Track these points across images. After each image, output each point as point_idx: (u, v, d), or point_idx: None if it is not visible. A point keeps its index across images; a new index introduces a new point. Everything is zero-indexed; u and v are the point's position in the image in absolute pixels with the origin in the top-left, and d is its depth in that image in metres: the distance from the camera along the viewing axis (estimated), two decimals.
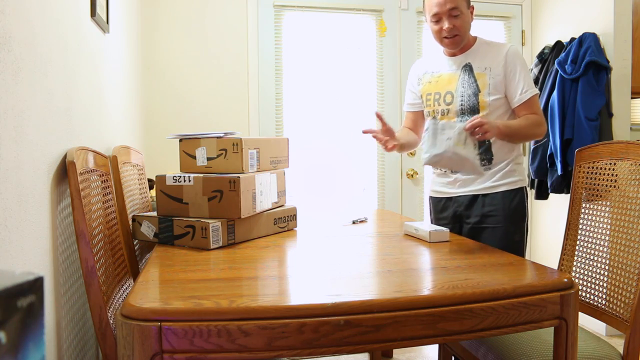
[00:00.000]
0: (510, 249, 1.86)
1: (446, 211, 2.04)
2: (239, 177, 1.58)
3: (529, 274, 1.26)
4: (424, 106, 2.04)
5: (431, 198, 2.12)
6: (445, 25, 1.85)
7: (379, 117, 1.82)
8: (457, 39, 1.88)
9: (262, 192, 1.72)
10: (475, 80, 1.89)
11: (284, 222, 1.85)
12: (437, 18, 1.86)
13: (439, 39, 1.91)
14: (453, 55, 1.96)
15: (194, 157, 1.73)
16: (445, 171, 2.00)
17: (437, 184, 2.07)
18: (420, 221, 1.84)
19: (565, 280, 1.18)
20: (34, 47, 1.22)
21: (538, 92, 1.90)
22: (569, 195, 2.45)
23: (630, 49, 2.93)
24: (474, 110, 1.89)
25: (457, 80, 1.93)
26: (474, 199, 1.95)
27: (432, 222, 2.09)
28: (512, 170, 1.92)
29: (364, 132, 1.82)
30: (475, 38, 1.96)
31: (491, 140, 1.89)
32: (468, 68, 1.91)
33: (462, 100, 1.91)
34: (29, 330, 0.36)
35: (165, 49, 3.14)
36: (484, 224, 1.92)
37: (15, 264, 1.10)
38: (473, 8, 1.92)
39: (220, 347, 0.97)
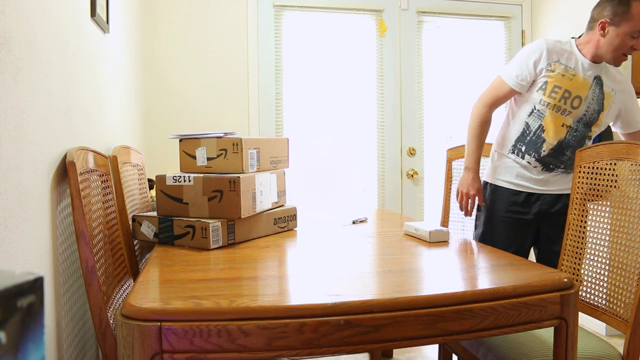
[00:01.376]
0: None
1: (529, 207, 2.01)
2: (239, 177, 1.58)
3: (529, 274, 1.26)
4: (544, 94, 1.93)
5: (505, 189, 2.04)
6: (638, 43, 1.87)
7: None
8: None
9: (262, 192, 1.72)
10: (603, 98, 1.93)
11: (284, 222, 1.85)
12: (639, 35, 1.85)
13: (618, 54, 1.88)
14: (593, 61, 1.94)
15: (194, 157, 1.73)
16: (535, 166, 1.98)
17: (518, 176, 2.01)
18: (420, 221, 1.84)
19: (565, 280, 1.18)
20: (34, 47, 1.22)
21: None
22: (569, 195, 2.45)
23: None
24: (589, 124, 1.94)
25: (589, 89, 1.92)
26: (558, 197, 1.98)
27: (488, 215, 2.08)
28: None
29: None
30: None
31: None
32: (599, 82, 1.93)
33: (587, 111, 1.93)
34: (29, 330, 0.36)
35: (165, 49, 3.15)
36: (561, 222, 1.95)
37: (15, 264, 1.10)
38: None
39: (220, 347, 0.97)
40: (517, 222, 2.02)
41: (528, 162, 1.98)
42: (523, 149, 1.99)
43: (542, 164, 1.97)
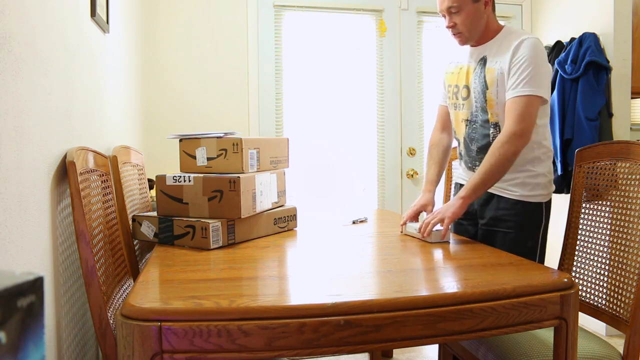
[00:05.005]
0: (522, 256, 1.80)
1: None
2: (239, 177, 1.58)
3: (529, 274, 1.26)
4: (447, 99, 1.95)
5: (457, 185, 2.04)
6: (446, 23, 1.79)
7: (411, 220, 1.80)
8: (461, 36, 1.78)
9: (262, 192, 1.72)
10: (485, 76, 1.77)
11: (284, 222, 1.85)
12: (442, 15, 1.79)
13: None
14: (475, 45, 1.84)
15: (194, 157, 1.73)
16: (463, 167, 1.94)
17: (459, 177, 2.01)
18: (420, 221, 1.81)
19: (565, 280, 1.18)
20: (34, 47, 1.22)
21: (535, 95, 1.65)
22: (569, 195, 2.45)
23: (630, 49, 2.93)
24: (484, 109, 1.78)
25: (472, 74, 1.82)
26: (490, 197, 1.84)
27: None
28: (536, 184, 1.77)
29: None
30: (500, 28, 1.82)
31: None
32: (483, 61, 1.79)
33: (475, 97, 1.81)
34: (29, 330, 0.36)
35: (166, 48, 3.14)
36: (496, 227, 1.81)
37: (15, 264, 1.10)
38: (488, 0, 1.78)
39: (220, 347, 0.97)
40: (461, 222, 2.01)
41: (459, 165, 2.01)
42: (457, 153, 2.01)
43: (464, 164, 1.94)
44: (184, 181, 1.65)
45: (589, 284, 1.65)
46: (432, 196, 1.91)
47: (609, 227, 1.60)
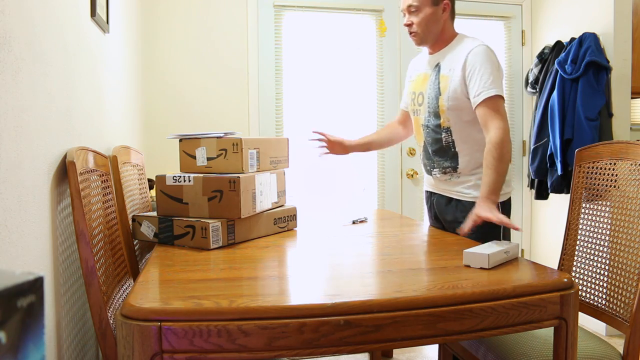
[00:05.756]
0: None
1: (431, 209, 2.04)
2: (239, 177, 1.58)
3: (528, 274, 1.26)
4: (408, 104, 2.04)
5: (426, 192, 2.11)
6: (405, 20, 1.85)
7: (322, 134, 1.89)
8: (416, 36, 1.84)
9: (262, 192, 1.72)
10: (439, 82, 1.82)
11: (284, 222, 1.85)
12: (403, 14, 1.86)
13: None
14: (432, 53, 1.90)
15: (194, 157, 1.73)
16: (428, 169, 1.97)
17: (426, 178, 2.07)
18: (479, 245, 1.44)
19: (565, 280, 1.18)
20: (34, 47, 1.22)
21: (497, 93, 1.70)
22: (569, 195, 2.45)
23: (630, 49, 2.93)
24: (437, 114, 1.83)
25: (428, 81, 1.88)
26: (448, 200, 1.91)
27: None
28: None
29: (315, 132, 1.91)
30: (454, 35, 1.86)
31: (457, 149, 1.83)
32: (438, 68, 1.85)
33: (429, 103, 1.86)
34: (29, 330, 0.36)
35: (165, 49, 3.15)
36: (456, 230, 1.84)
37: (15, 264, 1.10)
38: (448, 4, 1.82)
39: (220, 347, 0.97)
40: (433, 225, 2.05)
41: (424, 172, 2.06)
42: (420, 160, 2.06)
43: (424, 168, 2.01)
44: (184, 181, 1.65)
45: (589, 284, 1.65)
46: (351, 144, 2.08)
47: (609, 227, 1.60)
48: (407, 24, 1.84)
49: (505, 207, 1.86)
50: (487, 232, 1.75)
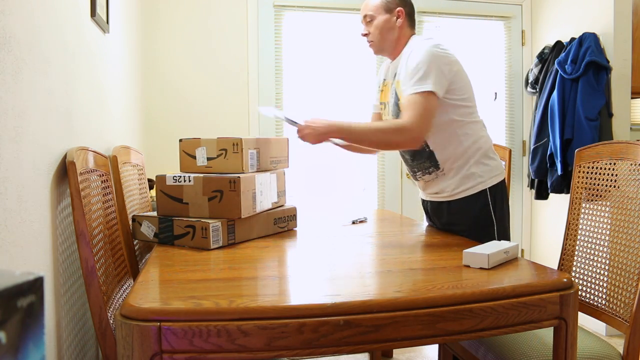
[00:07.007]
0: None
1: (427, 213, 2.03)
2: (239, 177, 1.58)
3: (528, 274, 1.26)
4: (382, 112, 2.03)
5: (421, 200, 2.09)
6: (362, 31, 1.87)
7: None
8: (372, 45, 1.87)
9: (262, 192, 1.72)
10: (395, 88, 1.81)
11: (284, 222, 1.85)
12: (363, 24, 1.88)
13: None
14: (392, 60, 1.90)
15: (194, 157, 1.73)
16: (413, 174, 1.95)
17: (418, 186, 2.04)
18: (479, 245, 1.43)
19: (565, 280, 1.18)
20: (34, 47, 1.23)
21: (423, 90, 1.64)
22: (569, 195, 2.45)
23: (630, 49, 2.93)
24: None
25: (390, 89, 1.88)
26: (439, 205, 1.88)
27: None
28: (470, 174, 1.78)
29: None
30: (409, 41, 1.85)
31: (431, 147, 1.79)
32: (394, 75, 1.84)
33: (391, 110, 1.86)
34: (29, 330, 0.36)
35: (165, 49, 3.14)
36: (452, 232, 1.83)
37: (15, 264, 1.10)
38: (402, 11, 1.80)
39: (220, 347, 0.97)
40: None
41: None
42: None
43: (411, 175, 1.98)
44: (184, 181, 1.65)
45: (588, 284, 1.65)
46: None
47: (608, 227, 1.60)
48: (364, 34, 1.87)
49: (497, 191, 1.81)
50: (481, 231, 1.76)
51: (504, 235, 1.83)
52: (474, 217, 1.80)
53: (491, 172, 1.81)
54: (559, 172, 2.90)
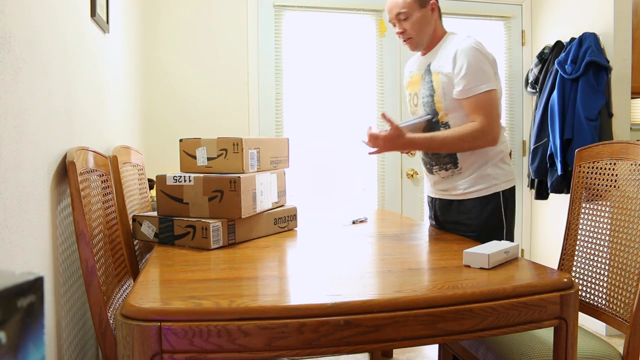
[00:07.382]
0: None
1: (431, 212, 2.04)
2: (239, 177, 1.58)
3: (528, 274, 1.26)
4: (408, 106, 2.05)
5: (428, 197, 2.10)
6: (396, 29, 1.86)
7: (385, 118, 1.73)
8: (412, 42, 1.86)
9: (262, 192, 1.72)
10: (432, 81, 1.83)
11: (284, 222, 1.85)
12: (392, 24, 1.88)
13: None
14: (424, 54, 1.92)
15: (194, 157, 1.73)
16: (429, 167, 1.95)
17: (426, 183, 2.07)
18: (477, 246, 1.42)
19: (565, 280, 1.18)
20: (34, 47, 1.22)
21: (488, 89, 1.71)
22: (569, 195, 2.45)
23: (630, 49, 2.93)
24: (433, 112, 1.83)
25: (421, 81, 1.89)
26: (449, 203, 1.89)
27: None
28: (485, 175, 1.80)
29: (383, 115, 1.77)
30: (444, 34, 1.89)
31: None
32: (429, 67, 1.86)
33: (423, 102, 1.87)
34: (29, 330, 0.36)
35: (165, 49, 3.14)
36: (459, 231, 1.83)
37: (15, 264, 1.10)
38: (435, 3, 1.85)
39: (220, 347, 0.97)
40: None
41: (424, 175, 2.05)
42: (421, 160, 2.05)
43: (424, 167, 1.99)
44: (184, 181, 1.65)
45: (588, 284, 1.65)
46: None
47: (608, 227, 1.60)
48: (399, 32, 1.85)
49: (510, 196, 1.84)
50: (490, 234, 1.76)
51: (511, 240, 1.84)
52: (484, 219, 1.80)
53: (506, 176, 1.84)
54: (559, 172, 2.90)
